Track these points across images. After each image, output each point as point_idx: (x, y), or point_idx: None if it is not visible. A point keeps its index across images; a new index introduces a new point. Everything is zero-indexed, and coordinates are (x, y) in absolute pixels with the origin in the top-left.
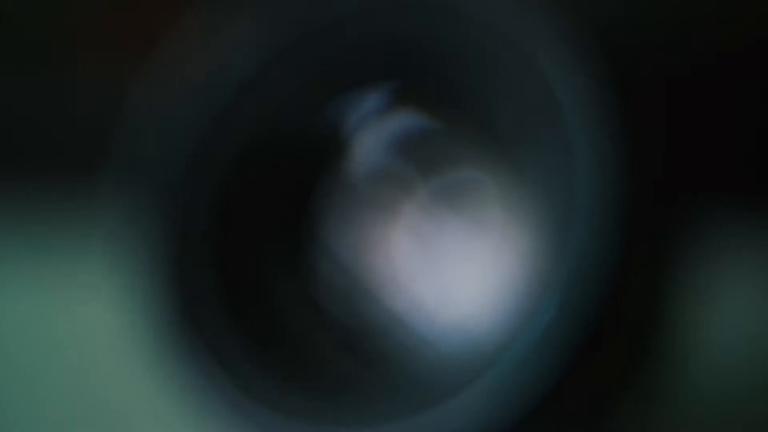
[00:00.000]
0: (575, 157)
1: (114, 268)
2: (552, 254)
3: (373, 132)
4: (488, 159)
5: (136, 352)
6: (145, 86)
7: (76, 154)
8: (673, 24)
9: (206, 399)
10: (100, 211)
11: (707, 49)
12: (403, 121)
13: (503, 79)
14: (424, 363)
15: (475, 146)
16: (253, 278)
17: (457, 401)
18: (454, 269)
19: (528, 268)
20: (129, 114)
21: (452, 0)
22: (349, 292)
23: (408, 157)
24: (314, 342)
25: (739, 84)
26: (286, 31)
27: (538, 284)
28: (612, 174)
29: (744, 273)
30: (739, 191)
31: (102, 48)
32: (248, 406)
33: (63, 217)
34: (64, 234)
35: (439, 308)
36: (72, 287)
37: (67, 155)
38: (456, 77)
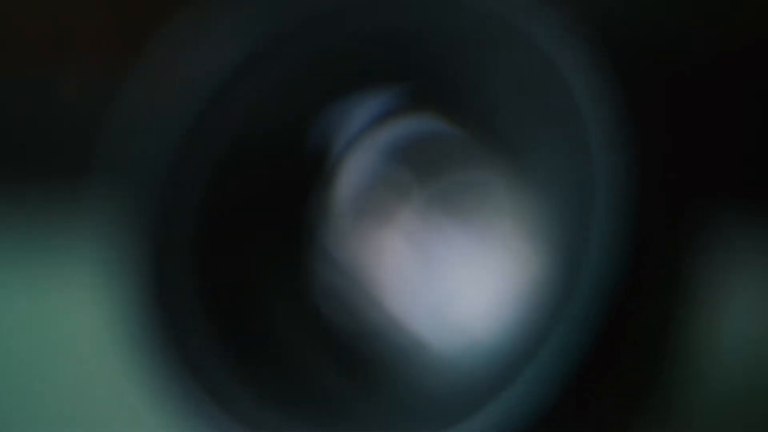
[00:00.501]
0: (584, 158)
1: (105, 269)
2: (561, 259)
3: (375, 134)
4: (494, 161)
5: (126, 356)
6: (137, 86)
7: (72, 155)
8: (673, 24)
9: (186, 412)
10: (95, 211)
11: (707, 49)
12: (407, 122)
13: (508, 80)
14: (424, 373)
15: (480, 148)
16: (247, 283)
17: (462, 416)
18: (456, 274)
19: (535, 273)
20: (121, 114)
21: None
22: (348, 297)
23: (410, 160)
24: (310, 355)
25: (739, 84)
26: (283, 32)
27: (546, 290)
28: (621, 176)
29: (745, 274)
30: (739, 191)
31: (100, 48)
32: (229, 424)
33: (60, 217)
34: (61, 234)
35: (439, 314)
36: (68, 288)
37: (64, 156)
38: (461, 77)
